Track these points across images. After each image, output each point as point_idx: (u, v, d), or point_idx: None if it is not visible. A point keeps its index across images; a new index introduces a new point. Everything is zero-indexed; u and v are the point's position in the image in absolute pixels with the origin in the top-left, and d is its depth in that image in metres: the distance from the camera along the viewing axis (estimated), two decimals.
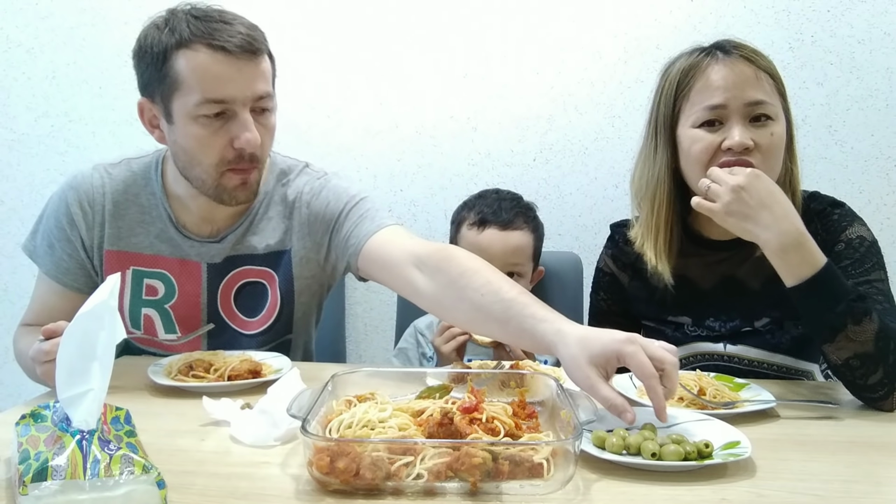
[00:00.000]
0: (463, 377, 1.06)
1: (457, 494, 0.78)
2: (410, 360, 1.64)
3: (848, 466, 0.89)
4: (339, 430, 0.84)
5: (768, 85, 1.28)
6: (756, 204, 1.14)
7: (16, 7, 2.06)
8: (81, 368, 0.75)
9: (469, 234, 1.62)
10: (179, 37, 1.20)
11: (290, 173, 1.46)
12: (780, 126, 1.29)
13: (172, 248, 1.39)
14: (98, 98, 2.07)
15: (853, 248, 1.29)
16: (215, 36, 1.20)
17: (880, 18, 1.91)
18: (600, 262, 1.54)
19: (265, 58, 1.27)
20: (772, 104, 1.28)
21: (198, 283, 1.39)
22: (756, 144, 1.25)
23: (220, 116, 1.23)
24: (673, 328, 1.42)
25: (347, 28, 2.02)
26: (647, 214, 1.40)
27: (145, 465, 0.71)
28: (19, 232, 2.09)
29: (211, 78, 1.20)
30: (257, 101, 1.25)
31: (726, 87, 1.27)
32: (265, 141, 1.29)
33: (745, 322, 1.35)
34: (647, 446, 0.86)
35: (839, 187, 1.92)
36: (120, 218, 1.38)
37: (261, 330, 1.41)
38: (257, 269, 1.41)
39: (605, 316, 1.52)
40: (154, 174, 1.41)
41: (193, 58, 1.20)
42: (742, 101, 1.26)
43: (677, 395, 1.12)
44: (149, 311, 1.39)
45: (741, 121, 1.26)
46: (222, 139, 1.24)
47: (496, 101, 2.03)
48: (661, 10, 1.96)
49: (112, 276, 0.79)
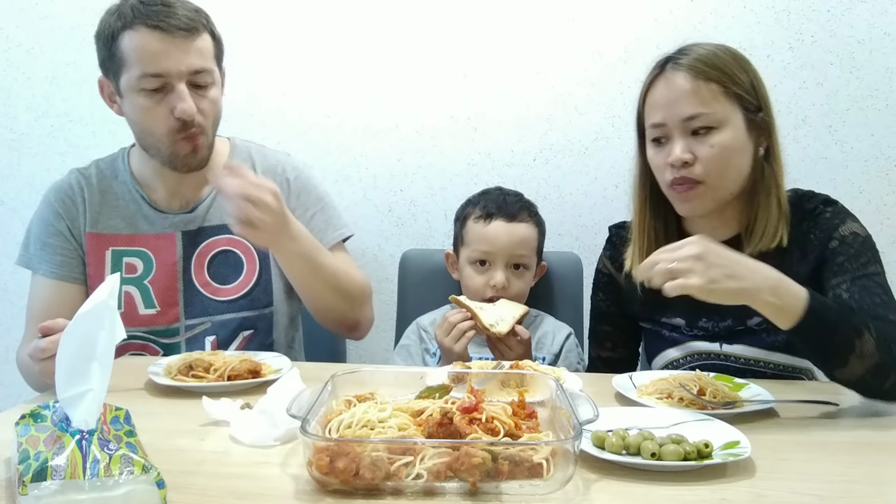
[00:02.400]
0: (463, 377, 1.06)
1: (456, 494, 0.78)
2: (412, 356, 1.64)
3: (848, 466, 0.90)
4: (338, 430, 0.84)
5: (710, 93, 1.27)
6: (726, 261, 1.06)
7: (16, 7, 2.06)
8: (81, 368, 0.75)
9: (475, 227, 1.63)
10: (124, 20, 1.35)
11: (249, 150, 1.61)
12: (728, 133, 1.28)
13: (149, 225, 1.52)
14: (98, 98, 2.04)
15: (847, 244, 1.29)
16: (153, 17, 1.34)
17: (880, 18, 1.91)
18: (599, 263, 1.56)
19: (203, 36, 1.39)
20: (712, 113, 1.27)
21: (173, 253, 1.51)
22: (696, 157, 1.28)
23: (161, 91, 1.37)
24: (669, 329, 1.43)
25: (348, 28, 2.02)
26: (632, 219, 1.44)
27: (145, 465, 0.71)
28: (19, 232, 2.08)
29: (148, 54, 1.34)
30: (193, 75, 1.38)
31: (664, 105, 1.31)
32: (207, 111, 1.42)
33: (738, 321, 1.36)
34: (646, 446, 0.86)
35: (839, 187, 1.91)
36: (96, 205, 1.52)
37: (239, 296, 1.53)
38: (230, 237, 1.53)
39: (605, 316, 1.54)
40: (122, 164, 1.56)
41: (134, 37, 1.35)
42: (678, 117, 1.29)
43: (677, 396, 1.12)
44: (129, 288, 1.50)
45: (681, 135, 1.29)
46: (163, 109, 1.37)
47: (496, 101, 2.02)
48: (661, 10, 1.96)
49: (111, 276, 0.80)
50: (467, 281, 1.63)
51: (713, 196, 1.31)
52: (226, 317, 1.52)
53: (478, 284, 1.60)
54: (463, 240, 1.66)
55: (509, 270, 1.60)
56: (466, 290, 1.63)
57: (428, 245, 2.04)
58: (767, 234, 1.31)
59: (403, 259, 1.90)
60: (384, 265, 2.08)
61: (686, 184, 1.29)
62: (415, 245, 2.02)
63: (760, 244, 1.31)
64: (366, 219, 2.07)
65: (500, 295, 1.57)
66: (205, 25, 1.40)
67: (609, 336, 1.55)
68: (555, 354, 1.60)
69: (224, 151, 1.59)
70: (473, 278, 1.61)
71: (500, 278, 1.57)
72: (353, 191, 2.06)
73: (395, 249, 2.03)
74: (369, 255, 2.08)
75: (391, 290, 1.99)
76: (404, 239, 2.07)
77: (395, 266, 1.92)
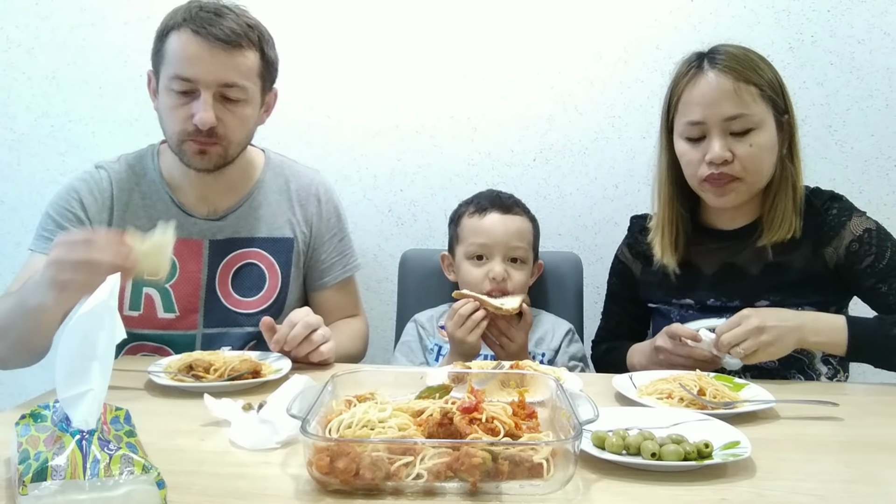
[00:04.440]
0: (463, 377, 1.06)
1: (457, 494, 0.78)
2: (413, 351, 1.64)
3: (848, 466, 0.90)
4: (338, 430, 0.84)
5: (749, 95, 1.34)
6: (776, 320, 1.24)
7: (16, 7, 2.06)
8: (81, 368, 0.75)
9: (471, 222, 1.64)
10: (176, 20, 1.38)
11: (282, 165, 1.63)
12: (764, 134, 1.36)
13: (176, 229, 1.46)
14: (98, 98, 2.07)
15: (866, 242, 1.38)
16: (199, 23, 1.35)
17: (880, 18, 1.91)
18: (618, 251, 1.67)
19: (245, 53, 1.39)
20: (751, 115, 1.34)
21: (199, 261, 1.51)
22: (735, 156, 1.35)
23: (188, 95, 1.38)
24: (679, 308, 1.51)
25: (348, 28, 2.02)
26: (657, 211, 1.52)
27: (145, 465, 0.71)
28: (19, 232, 2.09)
29: (183, 57, 1.36)
30: (223, 87, 1.38)
31: (704, 104, 1.35)
32: (232, 125, 1.41)
33: (746, 303, 1.39)
34: (646, 446, 0.86)
35: (839, 187, 1.88)
36: (123, 203, 1.49)
37: (259, 310, 1.53)
38: (257, 251, 1.55)
39: (615, 298, 1.68)
40: (151, 162, 1.54)
41: (178, 38, 1.37)
42: (719, 116, 1.34)
43: (677, 396, 1.12)
44: (150, 290, 1.49)
45: (720, 134, 1.35)
46: (185, 113, 1.38)
47: (496, 101, 2.02)
48: (661, 10, 1.96)
49: (111, 276, 0.80)
50: (465, 276, 1.63)
51: (747, 191, 1.39)
52: (244, 329, 1.52)
53: (476, 277, 1.60)
54: (458, 237, 1.67)
55: (507, 263, 1.60)
56: (465, 287, 1.63)
57: (428, 245, 2.04)
58: (784, 226, 1.39)
59: (403, 259, 1.91)
60: (384, 265, 2.08)
61: (723, 178, 1.36)
62: (415, 245, 2.02)
63: (777, 235, 1.40)
64: (366, 219, 2.07)
65: (500, 287, 1.57)
66: (253, 42, 1.40)
67: (616, 315, 1.68)
68: (554, 350, 1.61)
69: (258, 164, 1.60)
70: (471, 272, 1.61)
71: (498, 269, 1.58)
72: (353, 191, 2.06)
73: (395, 249, 2.03)
74: (369, 255, 2.08)
75: (391, 290, 2.00)
76: (404, 239, 2.07)
77: (395, 266, 1.93)
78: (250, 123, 1.47)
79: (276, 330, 1.33)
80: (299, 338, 1.31)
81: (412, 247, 1.97)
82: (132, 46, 2.02)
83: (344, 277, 1.65)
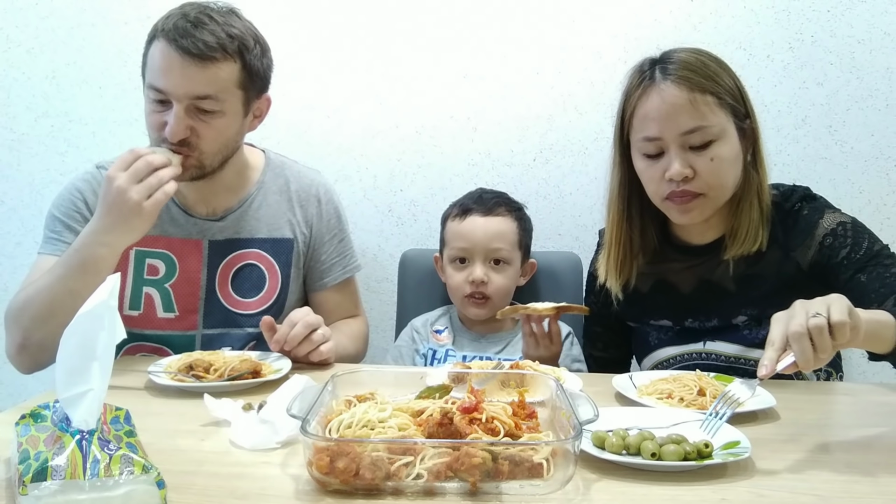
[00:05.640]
0: (463, 377, 1.06)
1: (457, 494, 0.78)
2: (403, 356, 1.66)
3: (848, 466, 0.89)
4: (338, 430, 0.84)
5: (707, 106, 1.25)
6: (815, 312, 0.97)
7: (16, 7, 2.06)
8: (81, 368, 0.74)
9: (452, 225, 1.65)
10: (157, 28, 1.38)
11: (283, 165, 1.63)
12: (726, 145, 1.28)
13: (176, 228, 1.50)
14: (98, 98, 2.07)
15: (839, 235, 1.30)
16: (175, 33, 1.34)
17: (880, 18, 1.91)
18: (590, 267, 1.59)
19: (221, 64, 1.36)
20: (710, 126, 1.26)
21: (199, 261, 1.51)
22: (696, 172, 1.27)
23: (164, 104, 1.37)
24: (657, 330, 1.45)
25: (347, 28, 2.02)
26: (605, 229, 1.44)
27: (145, 465, 0.71)
28: (19, 232, 2.09)
29: (157, 68, 1.36)
30: (195, 99, 1.36)
31: (659, 119, 1.26)
32: (206, 136, 1.39)
33: (724, 320, 1.37)
34: (646, 446, 0.86)
35: (839, 187, 1.91)
36: None
37: (259, 310, 1.52)
38: (257, 252, 1.55)
39: (596, 317, 1.56)
40: None
41: (157, 48, 1.37)
42: (676, 131, 1.26)
43: (678, 396, 1.12)
44: (149, 289, 1.49)
45: (679, 150, 1.26)
46: (159, 121, 1.38)
47: (496, 101, 2.02)
48: (661, 10, 1.96)
49: (111, 276, 0.80)
50: (449, 280, 1.64)
51: (712, 205, 1.32)
52: (243, 330, 1.52)
53: (458, 282, 1.61)
54: (444, 240, 1.68)
55: (488, 265, 1.60)
56: (449, 291, 1.63)
57: (428, 245, 2.04)
58: (749, 239, 1.32)
59: (403, 259, 1.91)
60: (384, 265, 2.08)
61: (686, 195, 1.28)
62: (415, 245, 2.01)
63: (742, 248, 1.33)
64: (366, 219, 2.07)
65: (481, 291, 1.57)
66: (231, 54, 1.37)
67: (600, 336, 1.58)
68: None
69: (259, 165, 1.60)
70: (453, 276, 1.62)
71: (478, 273, 1.58)
72: (353, 191, 2.06)
73: (395, 249, 2.03)
74: (369, 255, 2.08)
75: (391, 290, 2.00)
76: (404, 239, 2.07)
77: (395, 266, 1.93)
78: (228, 133, 1.43)
79: (276, 329, 1.33)
80: (299, 337, 1.31)
81: (412, 247, 1.97)
82: (132, 46, 2.01)
83: (344, 278, 1.65)
